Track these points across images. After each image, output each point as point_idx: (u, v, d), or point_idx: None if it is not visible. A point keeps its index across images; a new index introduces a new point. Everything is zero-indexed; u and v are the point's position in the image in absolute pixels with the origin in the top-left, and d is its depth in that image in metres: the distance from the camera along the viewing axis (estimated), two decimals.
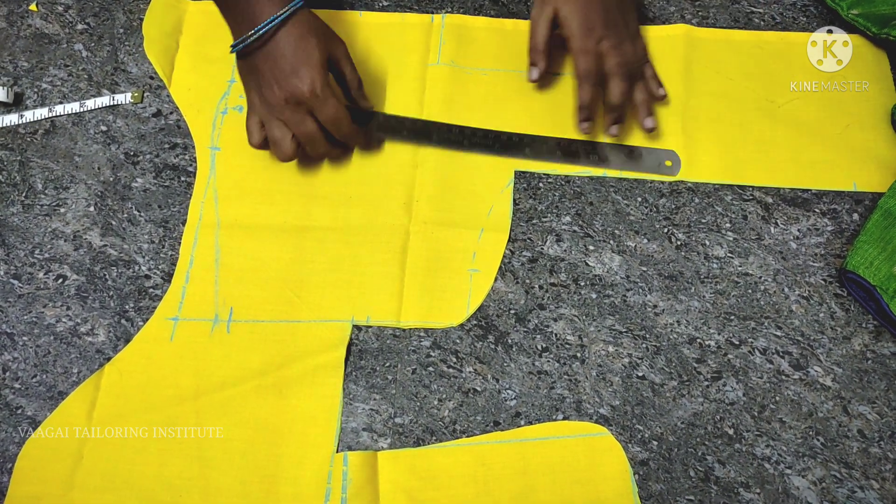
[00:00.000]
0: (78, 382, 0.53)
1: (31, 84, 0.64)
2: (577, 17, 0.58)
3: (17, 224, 0.59)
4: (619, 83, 0.58)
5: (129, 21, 0.67)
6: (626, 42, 0.59)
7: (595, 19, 0.58)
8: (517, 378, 0.54)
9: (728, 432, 0.52)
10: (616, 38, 0.58)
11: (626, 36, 0.59)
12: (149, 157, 0.61)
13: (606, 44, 0.58)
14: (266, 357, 0.54)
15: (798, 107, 0.63)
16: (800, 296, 0.57)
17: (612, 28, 0.58)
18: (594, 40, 0.57)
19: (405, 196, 0.60)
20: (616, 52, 0.58)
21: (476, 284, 0.57)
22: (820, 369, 0.54)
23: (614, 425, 0.52)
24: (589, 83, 0.58)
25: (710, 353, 0.55)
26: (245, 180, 0.60)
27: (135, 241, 0.58)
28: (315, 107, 0.54)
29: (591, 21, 0.58)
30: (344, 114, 0.56)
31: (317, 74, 0.53)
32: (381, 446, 0.52)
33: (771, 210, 0.60)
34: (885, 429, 0.52)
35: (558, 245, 0.58)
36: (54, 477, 0.50)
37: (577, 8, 0.58)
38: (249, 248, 0.58)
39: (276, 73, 0.53)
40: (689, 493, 0.51)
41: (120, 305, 0.56)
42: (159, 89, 0.64)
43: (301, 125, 0.55)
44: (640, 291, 0.57)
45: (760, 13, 0.68)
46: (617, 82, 0.58)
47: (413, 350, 0.55)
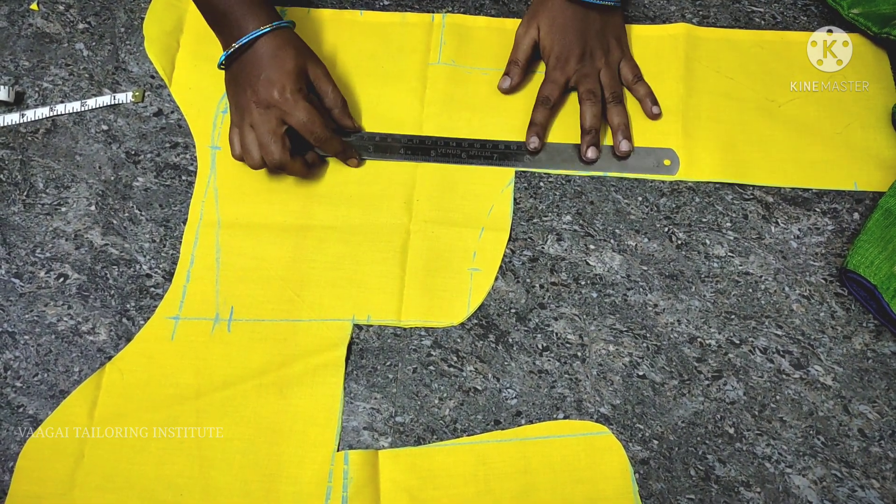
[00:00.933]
0: (79, 381, 0.53)
1: (33, 83, 0.64)
2: (554, 46, 0.61)
3: (19, 223, 0.59)
4: (588, 108, 0.60)
5: (129, 20, 0.67)
6: (604, 69, 0.62)
7: (571, 49, 0.61)
8: (518, 377, 0.54)
9: (729, 431, 0.52)
10: (590, 66, 0.61)
11: (603, 63, 0.62)
12: (150, 156, 0.61)
13: (580, 73, 0.61)
14: (267, 356, 0.54)
15: (798, 106, 0.63)
16: (800, 295, 0.57)
17: (587, 57, 0.61)
18: (563, 70, 0.61)
19: (406, 195, 0.60)
20: (588, 80, 0.61)
21: (477, 283, 0.57)
22: (820, 368, 0.54)
23: (615, 424, 0.53)
24: (543, 105, 0.61)
25: (710, 353, 0.55)
26: (246, 179, 0.60)
27: (136, 241, 0.58)
28: (286, 111, 0.54)
29: (566, 51, 0.61)
30: (316, 118, 0.55)
31: (287, 80, 0.54)
32: (381, 445, 0.52)
33: (771, 209, 0.60)
34: (885, 428, 0.52)
35: (559, 244, 0.58)
36: (55, 476, 0.50)
37: (556, 38, 0.61)
38: (250, 248, 0.58)
39: (251, 79, 0.55)
40: (690, 491, 0.51)
41: (121, 304, 0.56)
42: (160, 88, 0.64)
43: (265, 125, 0.55)
44: (641, 291, 0.57)
45: (761, 12, 0.68)
46: (587, 107, 0.60)
47: (414, 349, 0.55)
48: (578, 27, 0.61)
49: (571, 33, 0.61)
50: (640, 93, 0.63)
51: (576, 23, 0.61)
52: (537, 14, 0.62)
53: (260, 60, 0.54)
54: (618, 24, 0.64)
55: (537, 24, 0.62)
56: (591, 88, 0.61)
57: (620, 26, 0.64)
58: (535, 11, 0.62)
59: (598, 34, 0.62)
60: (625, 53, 0.64)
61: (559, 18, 0.61)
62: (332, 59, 0.65)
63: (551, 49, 0.61)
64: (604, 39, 0.62)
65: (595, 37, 0.62)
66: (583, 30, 0.61)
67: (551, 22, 0.61)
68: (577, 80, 0.61)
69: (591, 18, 0.61)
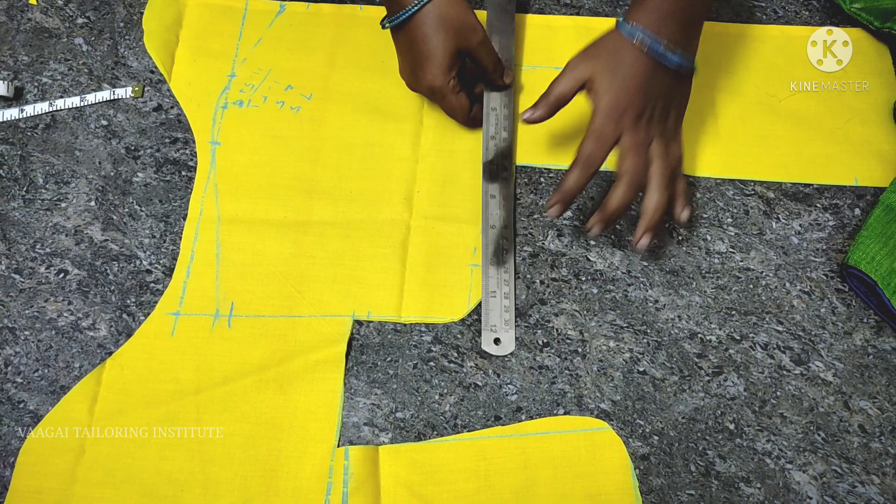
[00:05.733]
0: (79, 377, 0.53)
1: (32, 78, 0.64)
2: (609, 93, 0.51)
3: (18, 219, 0.59)
4: (621, 189, 0.51)
5: (129, 15, 0.67)
6: (657, 145, 0.52)
7: (630, 102, 0.50)
8: (518, 373, 0.54)
9: (729, 427, 0.52)
10: (644, 133, 0.51)
11: (658, 133, 0.52)
12: (149, 151, 0.61)
13: (628, 140, 0.51)
14: (267, 352, 0.54)
15: (799, 101, 0.63)
16: (801, 291, 0.57)
17: (644, 121, 0.51)
18: (617, 124, 0.51)
19: (406, 191, 0.60)
20: (633, 153, 0.51)
21: (477, 280, 0.57)
22: (821, 364, 0.54)
23: (615, 420, 0.53)
24: (585, 168, 0.51)
25: (711, 348, 0.55)
26: (245, 175, 0.60)
27: (136, 236, 0.58)
28: (436, 100, 0.59)
29: (624, 102, 0.50)
30: (460, 108, 0.58)
31: (438, 71, 0.56)
32: (382, 441, 0.52)
33: (772, 205, 0.60)
34: (885, 424, 0.52)
35: (559, 240, 0.58)
36: (56, 471, 0.50)
37: (614, 83, 0.51)
38: (250, 243, 0.58)
39: (410, 61, 0.57)
40: (690, 487, 0.51)
41: (121, 300, 0.56)
42: (160, 83, 0.64)
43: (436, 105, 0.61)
44: (642, 286, 0.57)
45: (762, 7, 0.67)
46: (620, 187, 0.51)
47: (414, 345, 0.55)
48: (645, 82, 0.51)
49: (635, 86, 0.50)
50: (677, 188, 0.53)
51: (644, 77, 0.50)
52: (598, 54, 0.52)
53: (414, 44, 0.55)
54: (684, 95, 0.54)
55: (594, 64, 0.51)
56: (635, 166, 0.51)
57: (686, 98, 0.55)
58: (596, 50, 0.52)
59: (663, 97, 0.52)
60: (677, 134, 0.54)
61: (625, 66, 0.50)
62: (331, 54, 0.65)
63: (605, 95, 0.51)
64: (666, 106, 0.52)
65: (659, 99, 0.52)
66: (648, 88, 0.51)
67: (614, 67, 0.51)
68: (625, 149, 0.51)
69: (660, 78, 0.51)
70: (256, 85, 0.63)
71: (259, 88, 0.63)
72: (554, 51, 0.65)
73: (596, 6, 0.68)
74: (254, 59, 0.65)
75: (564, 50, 0.65)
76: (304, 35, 0.66)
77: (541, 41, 0.66)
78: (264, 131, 0.62)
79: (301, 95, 0.63)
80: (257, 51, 0.65)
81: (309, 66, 0.64)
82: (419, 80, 0.57)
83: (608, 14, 0.67)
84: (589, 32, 0.66)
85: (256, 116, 0.62)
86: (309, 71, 0.64)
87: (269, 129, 0.62)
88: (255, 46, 0.65)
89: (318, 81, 0.64)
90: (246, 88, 0.63)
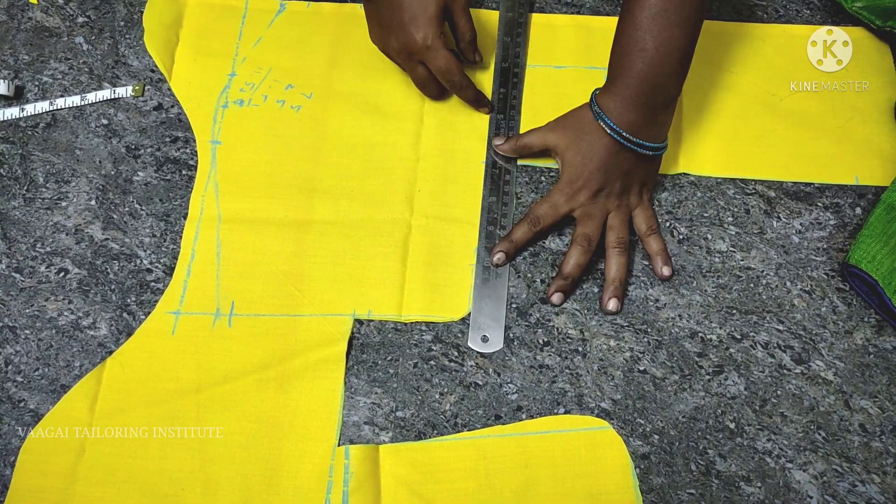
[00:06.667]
0: (80, 376, 0.53)
1: (32, 77, 0.64)
2: (571, 168, 0.55)
3: (19, 218, 0.59)
4: (574, 253, 0.54)
5: (129, 14, 0.67)
6: (615, 212, 0.55)
7: (588, 181, 0.55)
8: (518, 372, 0.54)
9: (729, 426, 0.52)
10: (600, 207, 0.55)
11: (615, 206, 0.55)
12: (150, 150, 0.61)
13: (585, 209, 0.55)
14: (267, 351, 0.54)
15: (800, 100, 0.63)
16: (802, 290, 0.57)
17: (601, 196, 0.55)
18: (570, 200, 0.55)
19: (407, 190, 0.60)
20: (590, 222, 0.55)
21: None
22: (822, 363, 0.54)
23: (615, 419, 0.53)
24: (530, 225, 0.56)
25: (711, 348, 0.55)
26: (246, 174, 0.60)
27: (136, 235, 0.58)
28: (426, 58, 0.56)
29: (582, 180, 0.55)
30: (455, 65, 0.57)
31: (430, 26, 0.55)
32: (382, 440, 0.52)
33: (773, 204, 0.59)
34: (886, 423, 0.52)
35: (560, 239, 0.58)
36: (57, 470, 0.50)
37: (576, 160, 0.55)
38: (251, 242, 0.58)
39: (393, 24, 0.55)
40: (691, 486, 0.51)
41: (121, 299, 0.56)
42: (160, 83, 0.64)
43: (413, 72, 0.59)
44: (642, 285, 0.57)
45: (763, 6, 0.67)
46: (574, 252, 0.55)
47: (414, 344, 0.55)
48: (606, 161, 0.54)
49: (595, 164, 0.54)
50: (653, 248, 0.56)
51: (605, 156, 0.54)
52: (568, 127, 0.56)
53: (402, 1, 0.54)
54: (650, 172, 0.57)
55: (563, 135, 0.56)
56: (587, 233, 0.55)
57: (653, 174, 0.58)
58: (566, 123, 0.56)
59: (623, 175, 0.55)
60: (643, 202, 0.57)
61: (590, 144, 0.54)
62: (332, 53, 0.65)
63: (567, 168, 0.55)
64: (627, 182, 0.56)
65: (619, 177, 0.55)
66: (610, 167, 0.54)
67: (579, 143, 0.55)
68: (579, 217, 0.55)
69: (623, 158, 0.54)
70: (257, 84, 0.63)
71: (259, 87, 0.63)
72: (555, 49, 0.65)
73: (597, 5, 0.68)
74: (254, 58, 0.65)
75: (565, 48, 0.65)
76: (304, 34, 0.66)
77: (542, 40, 0.65)
78: (265, 130, 0.62)
79: (301, 94, 0.63)
80: (258, 50, 0.65)
81: (309, 65, 0.64)
82: (407, 40, 0.55)
83: (609, 13, 0.67)
84: (590, 31, 0.66)
85: (257, 115, 0.62)
86: (309, 70, 0.64)
87: (269, 129, 0.62)
88: (256, 45, 0.65)
89: (319, 80, 0.64)
90: (246, 87, 0.63)
